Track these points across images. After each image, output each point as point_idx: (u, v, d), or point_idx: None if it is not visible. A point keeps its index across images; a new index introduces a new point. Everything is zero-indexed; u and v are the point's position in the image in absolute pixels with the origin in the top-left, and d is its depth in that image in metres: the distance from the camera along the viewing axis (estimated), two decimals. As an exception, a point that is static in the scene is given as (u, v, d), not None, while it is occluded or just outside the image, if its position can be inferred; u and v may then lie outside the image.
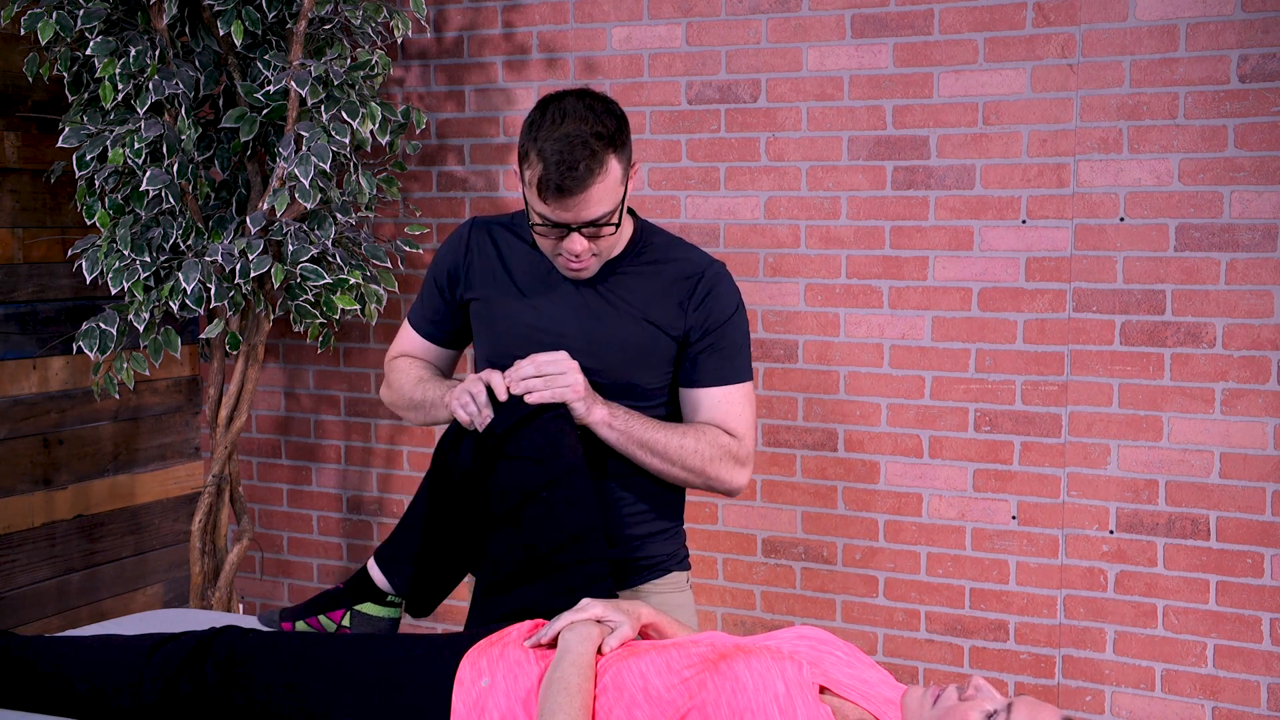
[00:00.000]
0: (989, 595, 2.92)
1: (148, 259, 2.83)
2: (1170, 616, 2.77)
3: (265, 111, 2.89)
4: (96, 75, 2.78)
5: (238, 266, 2.79)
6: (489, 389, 1.97)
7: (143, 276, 2.83)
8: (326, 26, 2.97)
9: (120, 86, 2.73)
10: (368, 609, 2.10)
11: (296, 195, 2.79)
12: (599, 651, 1.69)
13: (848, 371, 3.01)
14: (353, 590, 2.11)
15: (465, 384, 2.00)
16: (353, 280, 2.94)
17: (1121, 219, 2.75)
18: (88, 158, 2.80)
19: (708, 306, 2.10)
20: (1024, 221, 2.82)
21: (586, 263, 2.03)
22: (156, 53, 2.77)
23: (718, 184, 3.09)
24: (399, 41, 3.34)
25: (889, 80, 2.91)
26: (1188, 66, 2.66)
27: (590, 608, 1.75)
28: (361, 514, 3.61)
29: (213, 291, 2.82)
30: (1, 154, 3.12)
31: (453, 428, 2.03)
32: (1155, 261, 2.73)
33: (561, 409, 1.97)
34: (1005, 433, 2.87)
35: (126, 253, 2.83)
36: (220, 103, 3.08)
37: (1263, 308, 2.65)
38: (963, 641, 2.95)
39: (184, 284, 2.77)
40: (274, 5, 2.83)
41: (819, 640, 1.71)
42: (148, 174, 2.75)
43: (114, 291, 2.86)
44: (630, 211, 2.13)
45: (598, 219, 1.96)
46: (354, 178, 2.97)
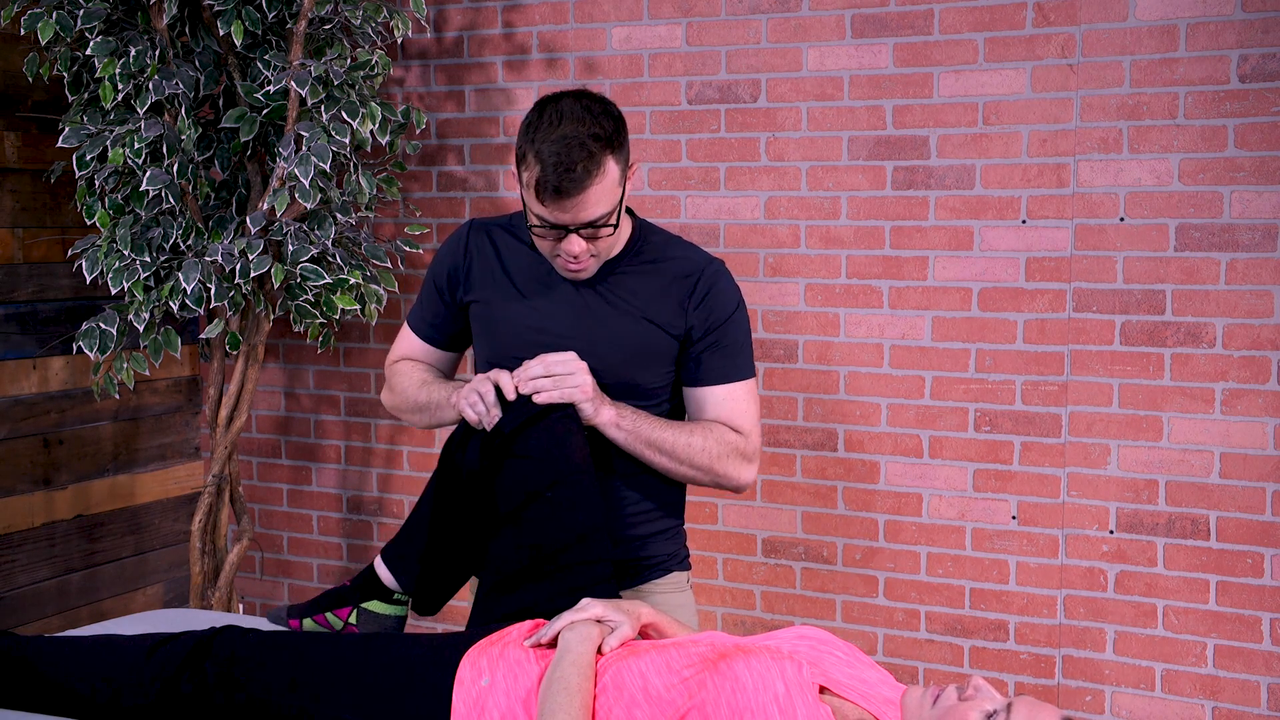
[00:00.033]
0: (989, 595, 2.92)
1: (148, 259, 2.83)
2: (1170, 616, 2.77)
3: (265, 111, 2.89)
4: (96, 75, 2.78)
5: (238, 266, 2.79)
6: (497, 389, 1.97)
7: (143, 276, 2.83)
8: (326, 26, 2.97)
9: (120, 86, 2.73)
10: (374, 606, 2.10)
11: (296, 195, 2.79)
12: (599, 651, 1.69)
13: (848, 371, 3.01)
14: (360, 588, 2.11)
15: (474, 383, 2.00)
16: (353, 280, 2.95)
17: (1121, 219, 2.75)
18: (88, 158, 2.80)
19: (708, 305, 2.10)
20: (1024, 221, 2.82)
21: (585, 264, 2.02)
22: (156, 53, 2.77)
23: (718, 184, 3.09)
24: (399, 41, 3.34)
25: (889, 80, 2.91)
26: (1188, 66, 2.66)
27: (590, 607, 1.75)
28: (361, 514, 3.61)
29: (213, 291, 2.82)
30: (1, 154, 3.12)
31: (461, 427, 2.03)
32: (1155, 261, 2.72)
33: (569, 409, 1.97)
34: (1005, 433, 2.87)
35: (126, 253, 2.83)
36: (220, 103, 3.08)
37: (1263, 308, 2.65)
38: (963, 641, 2.95)
39: (184, 284, 2.77)
40: (274, 5, 2.83)
41: (819, 640, 1.71)
42: (148, 174, 2.75)
43: (114, 291, 2.86)
44: (629, 211, 2.13)
45: (596, 220, 1.96)
46: (354, 178, 2.97)
